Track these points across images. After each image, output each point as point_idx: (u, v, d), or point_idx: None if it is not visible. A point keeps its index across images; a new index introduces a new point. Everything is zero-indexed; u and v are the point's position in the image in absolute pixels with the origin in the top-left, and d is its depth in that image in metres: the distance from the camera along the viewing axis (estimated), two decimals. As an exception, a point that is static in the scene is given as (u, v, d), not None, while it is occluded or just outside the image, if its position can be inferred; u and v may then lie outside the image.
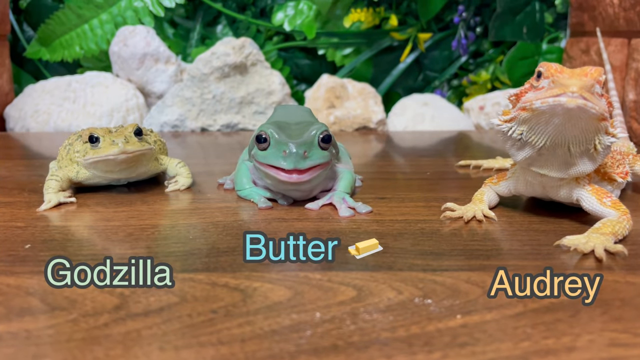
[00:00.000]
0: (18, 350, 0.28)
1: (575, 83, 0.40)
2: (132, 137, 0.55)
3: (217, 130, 1.08)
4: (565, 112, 0.41)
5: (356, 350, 0.28)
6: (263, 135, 0.50)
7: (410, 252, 0.42)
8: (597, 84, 0.42)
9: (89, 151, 0.55)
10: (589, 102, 0.41)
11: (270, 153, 0.50)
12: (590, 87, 0.41)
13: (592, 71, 0.42)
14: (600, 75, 0.42)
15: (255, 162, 0.53)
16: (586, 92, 0.41)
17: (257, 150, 0.51)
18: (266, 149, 0.50)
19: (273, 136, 0.50)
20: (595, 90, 0.41)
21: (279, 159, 0.49)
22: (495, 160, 0.72)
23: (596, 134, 0.43)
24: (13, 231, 0.47)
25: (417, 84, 1.20)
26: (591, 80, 0.41)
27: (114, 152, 0.54)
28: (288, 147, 0.48)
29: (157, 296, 0.34)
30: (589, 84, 0.41)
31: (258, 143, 0.51)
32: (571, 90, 0.40)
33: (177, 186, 0.60)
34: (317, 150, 0.50)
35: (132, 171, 0.58)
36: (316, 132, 0.50)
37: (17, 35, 1.17)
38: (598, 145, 0.43)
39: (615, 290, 0.35)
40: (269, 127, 0.50)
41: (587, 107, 0.41)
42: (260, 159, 0.51)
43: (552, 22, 1.15)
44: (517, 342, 0.29)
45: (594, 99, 0.41)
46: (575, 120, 0.42)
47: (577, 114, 0.41)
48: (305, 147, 0.49)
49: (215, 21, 1.18)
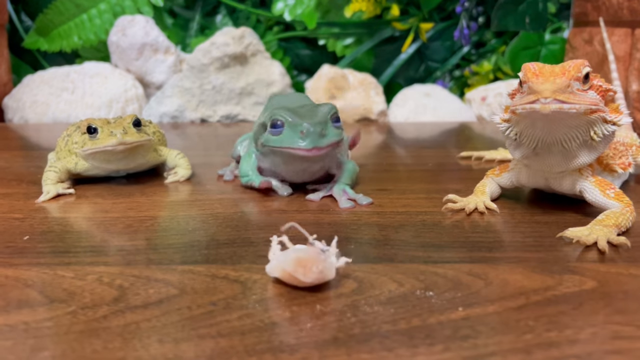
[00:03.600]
0: (16, 343, 0.28)
1: (548, 88, 0.40)
2: (130, 128, 0.55)
3: (217, 121, 1.07)
4: (542, 118, 0.42)
5: (357, 342, 0.28)
6: (276, 121, 0.50)
7: (411, 244, 0.41)
8: (575, 81, 0.41)
9: (87, 142, 0.55)
10: (566, 104, 0.40)
11: (286, 136, 0.49)
12: (565, 88, 0.40)
13: (570, 68, 0.41)
14: (579, 71, 0.41)
15: (264, 149, 0.53)
16: (561, 94, 0.40)
17: (269, 136, 0.51)
18: (281, 133, 0.50)
19: (286, 119, 0.49)
20: (573, 88, 0.41)
21: (297, 140, 0.49)
22: (497, 152, 0.71)
23: (589, 127, 0.43)
24: (11, 223, 0.46)
25: (418, 74, 1.19)
26: (565, 80, 0.40)
27: (112, 143, 0.53)
28: (305, 127, 0.48)
29: (156, 288, 0.34)
30: (563, 85, 0.40)
31: (273, 129, 0.50)
32: (544, 96, 0.40)
33: (176, 177, 0.60)
34: (331, 128, 0.50)
35: (130, 162, 0.58)
36: (328, 110, 0.51)
37: (15, 25, 1.16)
38: (594, 136, 0.43)
39: (618, 283, 0.35)
40: (280, 111, 0.50)
41: (563, 110, 0.40)
42: (274, 143, 0.50)
43: (555, 11, 1.14)
44: (520, 334, 0.28)
45: (572, 97, 0.41)
46: (557, 123, 0.42)
47: (555, 117, 0.41)
48: (321, 126, 0.49)
49: (215, 11, 1.17)
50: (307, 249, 0.34)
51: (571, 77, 0.41)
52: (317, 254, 0.33)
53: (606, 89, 0.44)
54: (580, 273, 0.36)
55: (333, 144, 0.50)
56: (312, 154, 0.49)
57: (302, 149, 0.49)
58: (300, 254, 0.33)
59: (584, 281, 0.35)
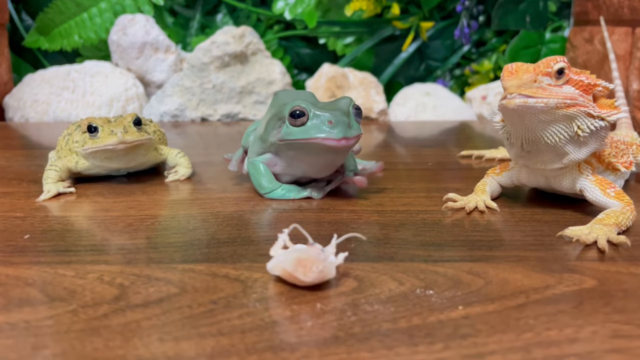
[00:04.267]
0: (17, 341, 0.28)
1: (512, 84, 0.41)
2: (131, 126, 0.55)
3: (217, 120, 1.07)
4: (512, 113, 0.43)
5: (357, 341, 0.28)
6: (298, 111, 0.47)
7: (411, 242, 0.41)
8: (544, 76, 0.41)
9: (87, 141, 0.55)
10: (531, 98, 0.41)
11: (312, 126, 0.47)
12: (530, 83, 0.41)
13: (541, 63, 0.42)
14: (548, 66, 0.42)
15: (279, 146, 0.50)
16: (527, 89, 0.41)
17: (289, 128, 0.48)
18: (304, 124, 0.48)
19: (310, 109, 0.47)
20: (543, 83, 0.41)
21: (324, 130, 0.47)
22: (498, 151, 0.71)
23: (570, 121, 0.43)
24: (12, 221, 0.46)
25: (419, 73, 1.19)
26: (531, 75, 0.41)
27: (112, 142, 0.53)
28: (334, 117, 0.47)
29: (157, 287, 0.34)
30: (527, 80, 0.41)
31: (293, 119, 0.48)
32: (509, 92, 0.41)
33: (177, 176, 0.60)
34: (354, 120, 0.49)
35: (131, 161, 0.58)
36: (349, 102, 0.49)
37: (15, 24, 1.16)
38: (579, 131, 0.43)
39: (618, 282, 0.35)
40: (300, 102, 0.48)
41: (527, 105, 0.41)
42: (297, 135, 0.48)
43: (555, 10, 1.14)
44: (520, 333, 0.29)
45: (540, 92, 0.41)
46: (529, 118, 0.43)
47: (524, 112, 0.42)
48: (347, 117, 0.48)
49: (215, 10, 1.17)
50: (307, 249, 0.34)
51: (539, 72, 0.41)
52: (317, 254, 0.33)
53: (590, 84, 0.43)
54: (580, 272, 0.36)
55: (359, 135, 0.48)
56: (341, 144, 0.47)
57: (332, 139, 0.46)
58: (300, 254, 0.33)
59: (584, 280, 0.35)
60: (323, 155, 0.49)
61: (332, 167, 0.52)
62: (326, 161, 0.51)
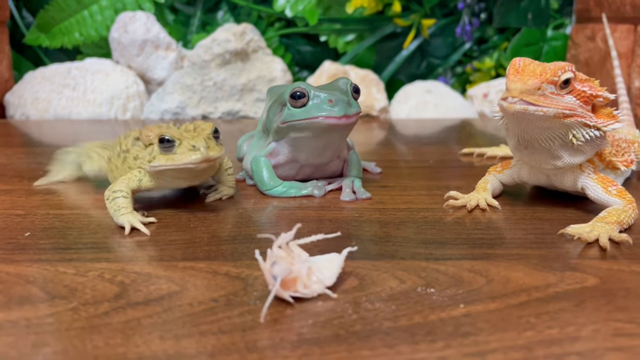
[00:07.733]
0: (18, 339, 0.28)
1: (516, 88, 0.40)
2: (211, 140, 0.45)
3: (218, 117, 1.07)
4: (510, 116, 0.42)
5: (358, 339, 0.28)
6: (298, 92, 0.49)
7: (412, 240, 0.41)
8: (549, 84, 0.41)
9: (158, 157, 0.45)
10: (532, 106, 0.40)
11: (313, 106, 0.49)
12: (534, 89, 0.40)
13: (548, 70, 0.41)
14: (555, 74, 0.41)
15: (282, 131, 0.51)
16: (530, 96, 0.40)
17: (291, 110, 0.49)
18: (305, 105, 0.49)
19: (310, 89, 0.49)
20: (546, 91, 0.41)
21: (325, 109, 0.48)
22: (499, 148, 0.71)
23: (566, 130, 0.43)
24: (13, 219, 0.46)
25: (420, 71, 1.19)
26: (536, 82, 0.40)
27: (194, 160, 0.43)
28: (334, 96, 0.48)
29: (158, 285, 0.34)
30: (532, 86, 0.40)
31: (294, 100, 0.49)
32: (512, 95, 0.41)
33: (218, 195, 0.52)
34: (352, 99, 0.50)
35: (199, 178, 0.49)
36: (347, 82, 0.51)
37: (16, 21, 1.15)
38: (574, 139, 0.43)
39: (619, 280, 0.35)
40: (301, 84, 0.50)
41: (527, 112, 0.41)
42: (299, 116, 0.49)
43: (557, 8, 1.14)
44: (521, 331, 0.28)
45: (542, 100, 0.41)
46: (526, 123, 0.43)
47: (522, 117, 0.42)
48: (347, 95, 0.49)
49: (216, 7, 1.16)
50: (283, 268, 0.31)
51: (545, 80, 0.41)
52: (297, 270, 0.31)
53: (592, 95, 0.43)
54: (581, 270, 0.36)
55: (359, 112, 0.50)
56: (342, 122, 0.48)
57: (333, 117, 0.48)
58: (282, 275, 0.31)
59: (586, 278, 0.35)
60: (325, 135, 0.51)
61: (334, 149, 0.53)
62: (328, 141, 0.52)
